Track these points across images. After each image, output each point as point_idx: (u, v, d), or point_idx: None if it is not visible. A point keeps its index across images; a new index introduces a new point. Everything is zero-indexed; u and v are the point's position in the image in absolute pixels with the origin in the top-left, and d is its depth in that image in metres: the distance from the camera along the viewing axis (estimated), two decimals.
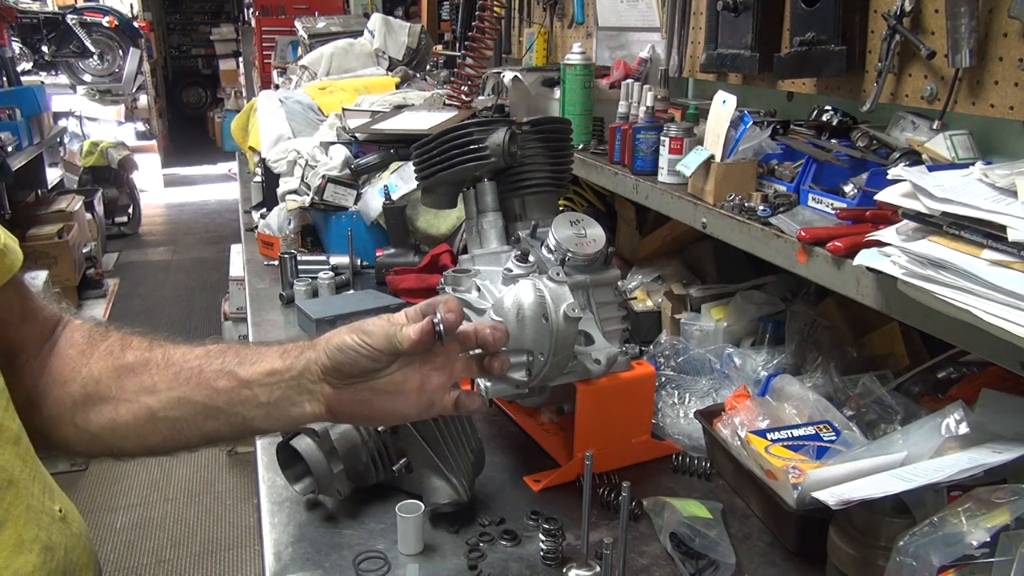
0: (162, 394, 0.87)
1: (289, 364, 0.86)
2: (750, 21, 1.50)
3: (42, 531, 0.77)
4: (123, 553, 3.12)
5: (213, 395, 0.86)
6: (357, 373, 0.85)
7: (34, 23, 7.93)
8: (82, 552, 0.84)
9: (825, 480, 1.02)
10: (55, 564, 0.78)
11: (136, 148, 8.39)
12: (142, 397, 0.87)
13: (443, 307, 0.86)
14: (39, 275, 4.47)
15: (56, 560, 0.78)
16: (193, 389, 0.86)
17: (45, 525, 0.78)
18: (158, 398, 0.87)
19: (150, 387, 0.87)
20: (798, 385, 1.35)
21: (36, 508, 0.78)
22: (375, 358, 0.84)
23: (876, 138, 1.25)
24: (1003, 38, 1.08)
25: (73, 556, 0.82)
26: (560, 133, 1.46)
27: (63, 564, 0.79)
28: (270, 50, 5.34)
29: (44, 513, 0.79)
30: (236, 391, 0.86)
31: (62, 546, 0.80)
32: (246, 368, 0.86)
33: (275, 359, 0.87)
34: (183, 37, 14.53)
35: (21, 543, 0.74)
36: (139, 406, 0.87)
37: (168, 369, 0.88)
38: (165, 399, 0.86)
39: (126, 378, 0.88)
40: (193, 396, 0.86)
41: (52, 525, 0.79)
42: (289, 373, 0.86)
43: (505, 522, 1.21)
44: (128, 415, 0.87)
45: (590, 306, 1.32)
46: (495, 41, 2.78)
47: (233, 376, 0.86)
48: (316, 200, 2.41)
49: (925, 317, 0.94)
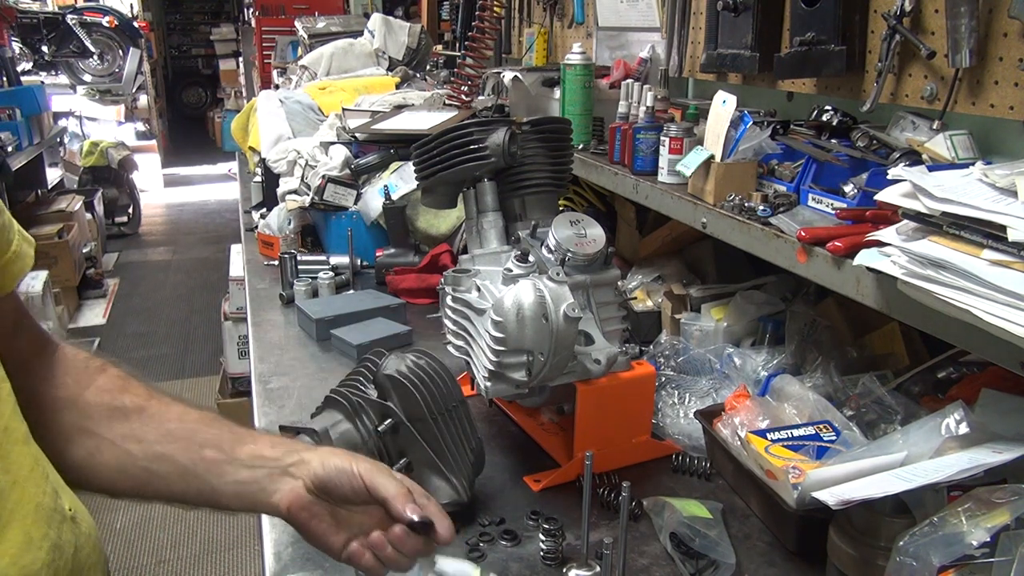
0: (148, 446, 0.89)
1: (279, 455, 0.89)
2: (750, 21, 1.50)
3: (51, 530, 0.78)
4: (123, 553, 3.12)
5: (197, 461, 0.89)
6: (337, 497, 0.88)
7: (34, 23, 7.93)
8: (91, 551, 0.85)
9: (825, 480, 1.02)
10: (63, 562, 0.78)
11: (136, 148, 8.39)
12: (127, 443, 0.89)
13: (441, 524, 0.86)
14: (39, 275, 4.47)
15: (65, 558, 0.79)
16: (180, 449, 0.89)
17: (55, 524, 0.79)
18: (143, 448, 0.89)
19: (139, 436, 0.90)
20: (798, 385, 1.35)
21: (46, 507, 0.79)
22: (358, 493, 0.87)
23: (876, 138, 1.25)
24: (1003, 38, 1.08)
25: (82, 555, 0.83)
26: (560, 133, 1.46)
27: (72, 562, 0.80)
28: (270, 50, 5.34)
29: (54, 512, 0.80)
30: (219, 464, 0.89)
31: (71, 544, 0.81)
32: (237, 446, 0.90)
33: (266, 446, 0.91)
34: (183, 37, 14.52)
35: (30, 541, 0.75)
36: (121, 451, 0.89)
37: (163, 424, 0.91)
38: (150, 451, 0.89)
39: (117, 421, 0.90)
40: (178, 456, 0.89)
41: (62, 524, 0.80)
42: (276, 463, 0.89)
43: (505, 522, 1.21)
44: (110, 457, 0.89)
45: (590, 306, 1.32)
46: (495, 41, 2.78)
47: (222, 449, 0.89)
48: (316, 200, 2.41)
49: (925, 317, 0.94)
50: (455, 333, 1.38)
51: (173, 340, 5.22)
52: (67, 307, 5.21)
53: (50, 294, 4.57)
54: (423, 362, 1.25)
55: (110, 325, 5.40)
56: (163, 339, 5.23)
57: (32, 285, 4.34)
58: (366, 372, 1.27)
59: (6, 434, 0.76)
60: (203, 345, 5.09)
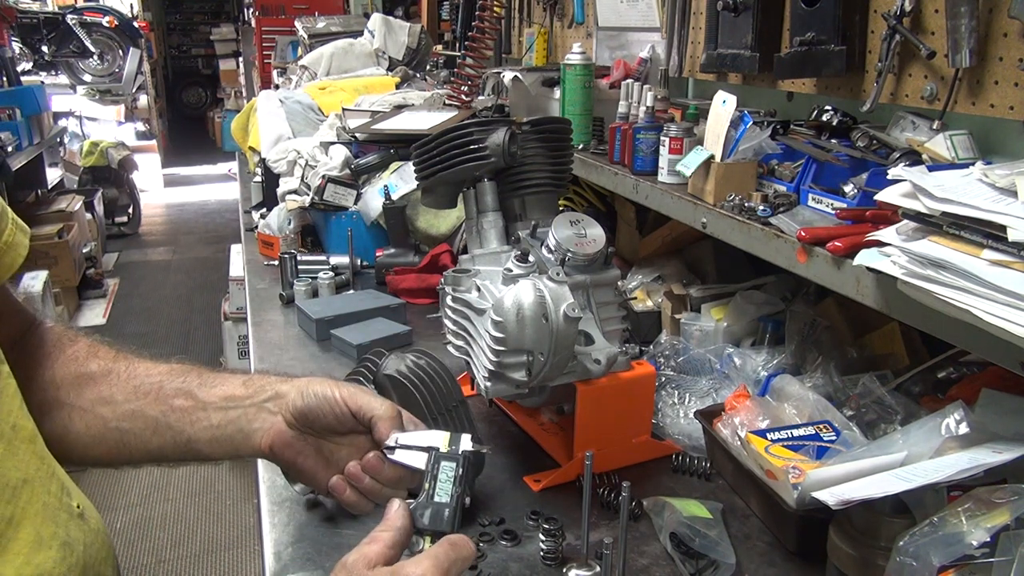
0: (118, 406, 0.87)
1: (251, 392, 0.86)
2: (750, 21, 1.50)
3: (60, 528, 0.78)
4: (123, 553, 3.11)
5: (167, 411, 0.86)
6: (321, 427, 0.84)
7: (34, 23, 7.93)
8: (100, 547, 0.85)
9: (825, 480, 1.02)
10: (74, 560, 0.78)
11: (136, 148, 8.39)
12: (98, 407, 0.87)
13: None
14: (39, 275, 4.47)
15: (75, 556, 0.78)
16: (150, 403, 0.86)
17: (63, 522, 0.79)
18: (113, 409, 0.87)
19: (107, 398, 0.87)
20: (798, 385, 1.35)
21: (53, 506, 0.78)
22: (343, 420, 0.84)
23: (876, 138, 1.25)
24: (1003, 38, 1.08)
25: (92, 552, 0.82)
26: (560, 133, 1.46)
27: (83, 560, 0.80)
28: (270, 50, 5.34)
29: (61, 510, 0.79)
30: (190, 411, 0.86)
31: (80, 542, 0.80)
32: (206, 390, 0.87)
33: (237, 386, 0.87)
34: (183, 37, 14.53)
35: (40, 540, 0.74)
36: (93, 417, 0.87)
37: (129, 382, 0.88)
38: (120, 411, 0.87)
39: (86, 387, 0.88)
40: (147, 410, 0.86)
41: (70, 522, 0.80)
42: (249, 400, 0.86)
43: (505, 522, 1.21)
44: (81, 425, 0.87)
45: (590, 306, 1.32)
46: (495, 41, 2.78)
47: (191, 396, 0.86)
48: (316, 200, 2.41)
49: (925, 317, 0.94)
50: (455, 333, 1.38)
51: (173, 340, 5.22)
52: (67, 307, 5.21)
53: (50, 294, 4.57)
54: (423, 362, 1.25)
55: (110, 325, 5.40)
56: (163, 339, 5.23)
57: (32, 285, 4.34)
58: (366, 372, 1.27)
59: (15, 432, 0.76)
60: (203, 345, 5.09)
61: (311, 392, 0.84)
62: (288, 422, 0.85)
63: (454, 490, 0.80)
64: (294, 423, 0.84)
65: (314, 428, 0.84)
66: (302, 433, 0.85)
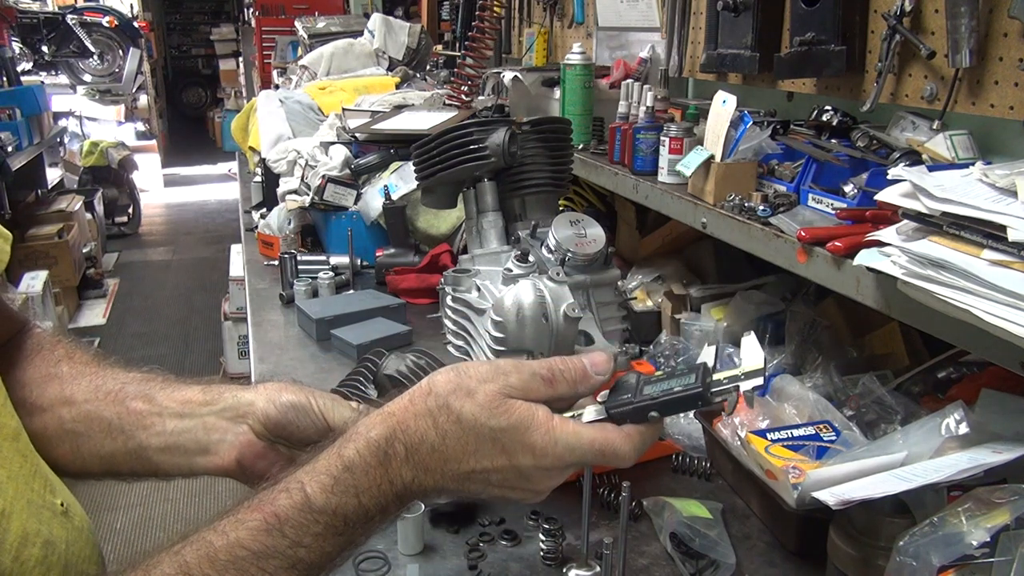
0: (76, 407, 0.83)
1: (209, 399, 0.81)
2: (750, 21, 1.50)
3: (43, 526, 0.77)
4: (123, 553, 3.11)
5: (123, 414, 0.81)
6: (297, 439, 0.79)
7: (34, 23, 7.93)
8: (84, 545, 0.84)
9: (825, 480, 1.02)
10: (56, 558, 0.77)
11: (136, 148, 8.39)
12: (57, 407, 0.83)
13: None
14: (39, 275, 4.47)
15: (57, 554, 0.78)
16: (107, 404, 0.82)
17: (46, 520, 0.78)
18: (71, 410, 0.83)
19: (68, 398, 0.83)
20: (798, 385, 1.35)
21: (37, 503, 0.78)
22: (321, 432, 0.78)
23: (876, 138, 1.25)
24: (1003, 38, 1.08)
25: (75, 549, 0.81)
26: (560, 133, 1.46)
27: (64, 558, 0.79)
28: (270, 50, 5.34)
29: (45, 508, 0.78)
30: (145, 415, 0.80)
31: (63, 540, 0.80)
32: (165, 394, 0.81)
33: (196, 391, 0.82)
34: (183, 37, 14.53)
35: (26, 537, 0.74)
36: (51, 416, 0.83)
37: (92, 382, 0.84)
38: (76, 412, 0.82)
39: (49, 385, 0.84)
40: (103, 411, 0.81)
41: (53, 520, 0.79)
42: (208, 408, 0.80)
43: (505, 522, 1.21)
44: (39, 424, 0.83)
45: (590, 306, 1.32)
46: (495, 41, 2.78)
47: (149, 399, 0.81)
48: (316, 200, 2.41)
49: (925, 317, 0.94)
50: (455, 333, 1.38)
51: (173, 340, 5.22)
52: (67, 307, 5.20)
53: (50, 294, 4.57)
54: (423, 362, 1.25)
55: (110, 325, 5.40)
56: (163, 339, 5.23)
57: (32, 285, 4.34)
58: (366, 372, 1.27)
59: None
60: (203, 345, 5.09)
61: (284, 401, 0.79)
62: (258, 432, 0.79)
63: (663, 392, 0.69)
64: (265, 433, 0.79)
65: (290, 439, 0.80)
66: (273, 443, 0.80)
